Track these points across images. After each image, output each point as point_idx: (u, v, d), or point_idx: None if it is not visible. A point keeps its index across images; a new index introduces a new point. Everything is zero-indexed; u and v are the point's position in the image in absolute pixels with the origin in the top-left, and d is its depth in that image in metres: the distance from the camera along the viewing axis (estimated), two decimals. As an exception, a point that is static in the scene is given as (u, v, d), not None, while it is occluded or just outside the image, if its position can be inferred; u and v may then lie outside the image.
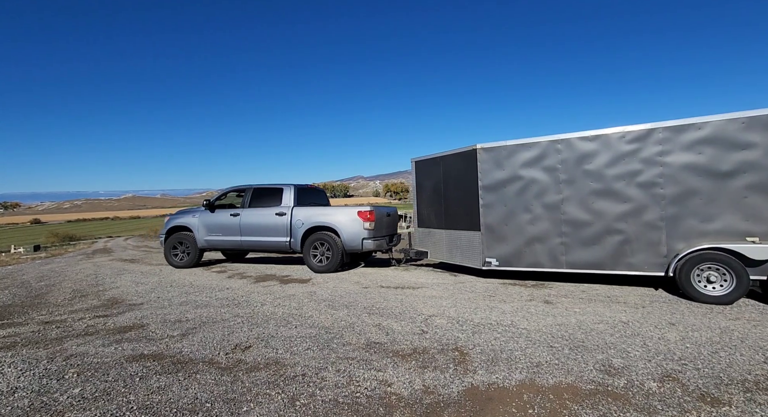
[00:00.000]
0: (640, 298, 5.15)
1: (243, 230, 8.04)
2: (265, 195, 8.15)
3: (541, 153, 5.94)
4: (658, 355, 3.18)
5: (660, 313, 4.39)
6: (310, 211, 7.76)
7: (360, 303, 5.11)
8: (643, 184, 5.27)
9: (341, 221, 7.41)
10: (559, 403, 2.45)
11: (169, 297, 5.75)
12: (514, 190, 6.14)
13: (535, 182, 5.99)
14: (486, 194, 6.36)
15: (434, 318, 4.38)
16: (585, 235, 5.64)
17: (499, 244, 6.29)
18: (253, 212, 8.05)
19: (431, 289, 5.91)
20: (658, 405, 2.39)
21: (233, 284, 6.60)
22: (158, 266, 9.24)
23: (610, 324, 4.03)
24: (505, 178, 6.22)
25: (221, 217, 8.27)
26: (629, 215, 5.36)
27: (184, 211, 9.07)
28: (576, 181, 5.69)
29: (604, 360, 3.10)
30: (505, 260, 6.26)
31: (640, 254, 5.30)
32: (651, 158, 5.23)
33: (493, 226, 6.32)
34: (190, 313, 4.81)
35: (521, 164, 6.09)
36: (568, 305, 4.83)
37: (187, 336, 3.94)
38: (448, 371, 2.96)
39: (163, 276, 7.66)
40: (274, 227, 7.82)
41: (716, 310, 4.51)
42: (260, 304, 5.17)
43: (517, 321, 4.19)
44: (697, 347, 3.34)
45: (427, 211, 7.69)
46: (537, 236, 5.98)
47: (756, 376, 2.76)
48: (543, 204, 5.92)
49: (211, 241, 8.36)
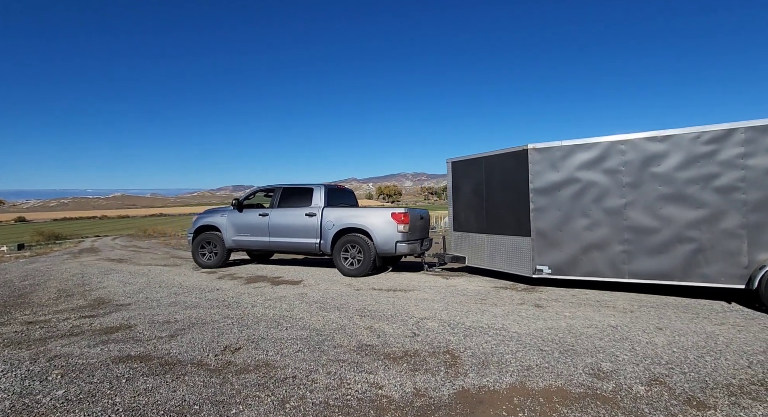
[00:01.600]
0: (628, 302, 5.21)
1: (272, 231, 7.88)
2: (295, 195, 8.01)
3: (602, 154, 5.58)
4: (646, 359, 3.23)
5: (648, 318, 4.45)
6: (342, 212, 7.57)
7: (352, 305, 5.09)
8: (721, 189, 4.90)
9: (374, 223, 7.20)
10: (548, 407, 2.47)
11: (157, 298, 5.67)
12: (570, 194, 5.78)
13: (593, 185, 5.63)
14: (538, 197, 6.01)
15: (426, 321, 4.38)
16: (651, 242, 5.27)
17: (552, 250, 5.92)
18: (282, 212, 7.90)
19: (423, 292, 5.92)
20: (646, 408, 2.43)
21: (223, 285, 6.53)
22: (147, 266, 9.11)
23: (600, 328, 4.08)
24: (559, 181, 5.85)
25: (250, 217, 8.13)
26: (704, 222, 5.00)
27: (212, 211, 8.96)
28: (641, 184, 5.34)
29: (593, 364, 3.13)
30: (558, 268, 5.88)
31: (715, 265, 4.92)
32: (731, 161, 4.86)
33: (546, 231, 5.95)
34: (179, 314, 4.75)
35: (578, 166, 5.73)
36: (558, 309, 4.87)
37: (176, 337, 3.88)
38: (439, 374, 2.97)
39: (152, 276, 7.55)
40: (303, 228, 7.65)
41: (702, 315, 4.59)
42: (251, 305, 5.12)
43: (508, 324, 4.21)
44: (683, 351, 3.39)
45: (464, 214, 7.40)
46: (595, 243, 5.61)
47: (740, 381, 2.81)
48: (603, 208, 5.57)
49: (239, 242, 8.21)
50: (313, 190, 7.84)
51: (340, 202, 8.28)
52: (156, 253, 12.58)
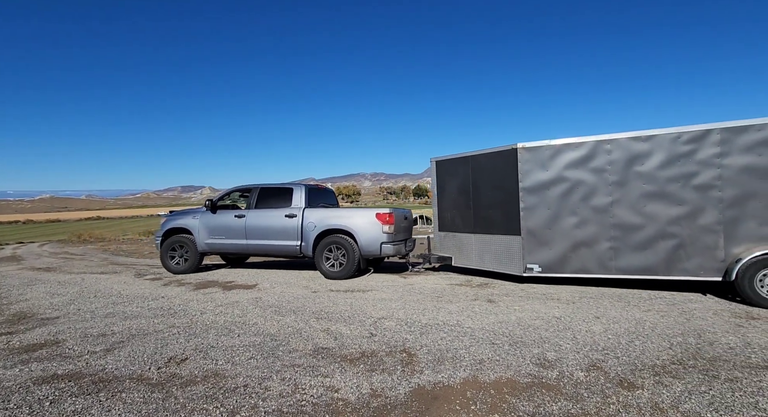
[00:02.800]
0: (571, 294, 5.59)
1: (249, 233, 7.49)
2: (274, 195, 7.66)
3: (589, 153, 5.70)
4: (586, 346, 3.47)
5: (587, 308, 4.80)
6: (324, 213, 7.34)
7: (308, 308, 4.99)
8: (700, 187, 5.14)
9: (358, 224, 7.02)
10: (499, 398, 2.57)
11: (92, 309, 5.17)
12: (559, 192, 5.86)
13: (581, 184, 5.74)
14: (527, 196, 6.04)
15: (383, 320, 4.39)
16: (636, 239, 5.45)
17: (542, 249, 5.98)
18: (260, 214, 7.53)
19: (381, 292, 5.94)
20: (585, 393, 2.61)
21: (169, 292, 6.11)
22: (80, 275, 8.30)
23: (545, 320, 4.33)
24: (548, 180, 5.92)
25: (225, 218, 7.69)
26: (684, 218, 5.22)
27: (182, 212, 8.33)
28: (627, 182, 5.51)
29: (539, 354, 3.31)
30: (548, 266, 5.96)
31: (695, 259, 5.16)
32: (708, 160, 5.10)
33: (536, 230, 6.01)
34: (116, 325, 4.37)
35: (566, 165, 5.82)
36: (508, 303, 5.11)
37: (113, 351, 3.56)
38: (396, 373, 2.98)
39: (86, 285, 6.89)
40: (283, 230, 7.34)
41: (632, 303, 5.03)
42: (199, 312, 4.84)
43: (463, 320, 4.34)
44: (617, 337, 3.70)
45: (450, 214, 7.33)
46: (584, 241, 5.73)
47: (663, 361, 3.11)
48: (590, 207, 5.69)
49: (213, 245, 7.74)
50: (293, 190, 7.55)
51: (321, 202, 8.04)
52: (92, 260, 11.48)
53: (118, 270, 8.90)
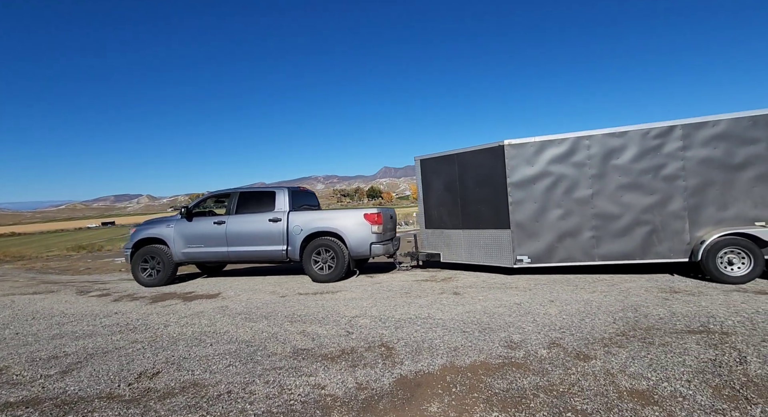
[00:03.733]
0: (527, 282, 6.09)
1: (230, 240, 7.19)
2: (255, 199, 7.41)
3: (570, 149, 6.10)
4: (545, 327, 3.86)
5: (543, 294, 5.28)
6: (309, 216, 7.21)
7: (280, 312, 4.97)
8: (667, 177, 5.71)
9: (346, 225, 6.99)
10: (475, 379, 2.82)
11: (33, 331, 4.74)
12: (544, 186, 6.21)
13: (564, 178, 6.13)
14: (515, 191, 6.32)
15: (358, 319, 4.52)
16: (615, 227, 5.92)
17: (531, 241, 6.29)
18: (241, 219, 7.25)
19: (351, 292, 6.04)
20: (548, 367, 2.94)
21: (123, 308, 5.74)
22: (7, 296, 7.46)
23: (507, 306, 4.71)
24: (534, 175, 6.25)
25: (202, 225, 7.35)
26: (655, 207, 5.76)
27: (154, 221, 7.82)
28: (605, 175, 5.97)
29: (506, 337, 3.63)
30: (536, 257, 6.28)
31: (666, 243, 5.70)
32: (673, 153, 5.67)
33: (524, 223, 6.31)
34: (68, 346, 4.06)
35: (550, 160, 6.18)
36: (473, 294, 5.46)
37: (70, 372, 3.34)
38: (377, 366, 3.13)
39: (19, 307, 6.24)
40: (267, 235, 7.12)
41: (580, 286, 5.61)
42: (162, 325, 4.63)
43: (433, 313, 4.59)
44: (570, 317, 4.14)
45: (437, 212, 7.47)
46: (569, 231, 6.12)
47: (610, 334, 3.57)
48: (573, 199, 6.10)
49: (190, 254, 7.36)
50: (275, 193, 7.39)
51: (303, 205, 7.92)
52: (17, 280, 10.30)
53: (54, 289, 8.11)
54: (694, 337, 3.37)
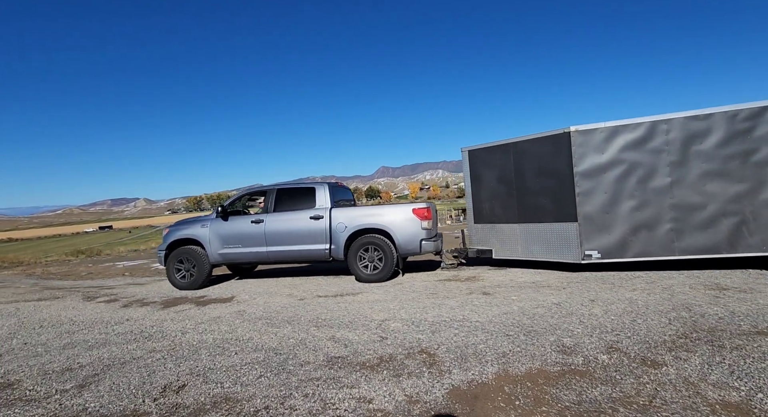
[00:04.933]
0: (559, 280, 5.86)
1: (269, 239, 6.96)
2: (293, 196, 7.19)
3: (646, 134, 5.75)
4: (596, 329, 3.64)
5: (580, 292, 5.05)
6: (353, 212, 6.99)
7: (302, 316, 4.76)
8: (759, 163, 5.32)
9: (395, 222, 6.73)
10: (538, 390, 2.60)
11: (42, 341, 4.54)
12: (616, 175, 5.87)
13: (639, 165, 5.79)
14: (583, 181, 5.99)
15: (388, 322, 4.30)
16: (698, 219, 5.55)
17: (601, 234, 5.94)
18: (280, 217, 7.04)
19: (372, 294, 5.83)
20: (616, 375, 2.72)
21: (134, 314, 5.54)
22: (11, 304, 7.27)
23: (546, 307, 4.49)
24: (604, 163, 5.91)
25: (239, 225, 7.14)
26: (745, 196, 5.38)
27: (187, 221, 7.62)
28: (686, 162, 5.61)
29: (556, 341, 3.41)
30: (607, 252, 5.92)
31: (758, 234, 5.31)
32: (765, 136, 5.28)
33: (593, 215, 5.96)
34: (82, 356, 3.86)
35: (623, 147, 5.84)
36: (504, 294, 5.23)
37: (88, 387, 3.13)
38: (424, 376, 2.92)
39: (24, 315, 6.04)
40: (309, 233, 6.89)
41: (617, 284, 5.38)
42: (180, 332, 4.42)
43: (468, 315, 4.37)
44: (619, 318, 3.92)
45: (489, 205, 7.19)
46: (644, 223, 5.77)
47: (670, 337, 3.34)
48: (649, 188, 5.76)
49: (227, 255, 7.13)
50: (315, 190, 7.14)
51: (340, 200, 7.68)
52: (19, 286, 10.12)
53: (59, 295, 7.91)
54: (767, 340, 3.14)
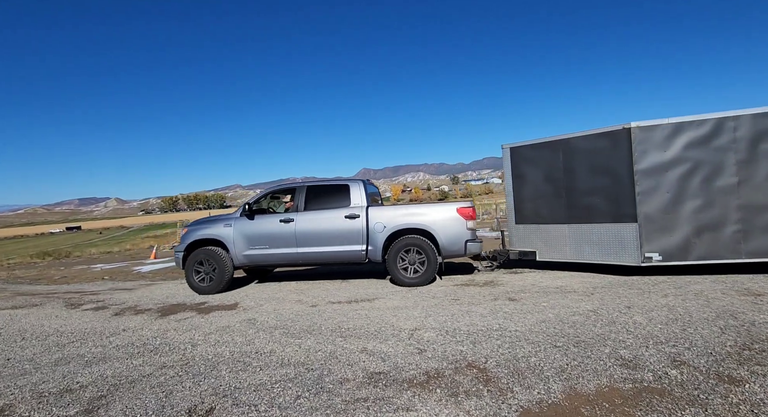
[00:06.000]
0: (582, 285, 5.74)
1: (300, 240, 6.64)
2: (326, 194, 6.89)
3: (711, 131, 5.62)
4: (648, 339, 3.48)
5: (611, 298, 4.92)
6: (392, 211, 6.76)
7: (322, 325, 4.46)
8: None
9: (438, 221, 6.48)
10: (620, 411, 2.40)
11: (28, 356, 4.09)
12: (679, 174, 5.74)
13: (704, 164, 5.66)
14: (644, 179, 5.84)
15: (419, 332, 4.05)
16: (767, 220, 5.45)
17: (662, 235, 5.79)
18: (312, 216, 6.72)
19: (389, 300, 5.57)
20: (699, 394, 2.53)
21: (129, 323, 5.11)
22: (-16, 310, 6.68)
23: (583, 314, 4.33)
24: (667, 161, 5.77)
25: (267, 224, 6.80)
26: None
27: (208, 220, 7.20)
28: (754, 161, 5.49)
29: (612, 353, 3.23)
30: (669, 254, 5.78)
31: None
32: None
33: (654, 215, 5.81)
34: (80, 374, 3.46)
35: (686, 144, 5.71)
36: (532, 300, 5.06)
37: (96, 411, 2.77)
38: (484, 396, 2.68)
39: (0, 326, 5.51)
40: (344, 234, 6.60)
41: (645, 289, 5.28)
42: (189, 344, 4.06)
43: (504, 323, 4.16)
44: (666, 327, 3.78)
45: (533, 205, 6.99)
46: (708, 224, 5.65)
47: (733, 348, 3.21)
48: (714, 188, 5.64)
49: (253, 256, 6.77)
50: (349, 187, 6.86)
51: (374, 199, 7.46)
52: (-14, 290, 9.40)
53: (35, 302, 7.33)
54: (836, 350, 3.04)
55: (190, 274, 6.77)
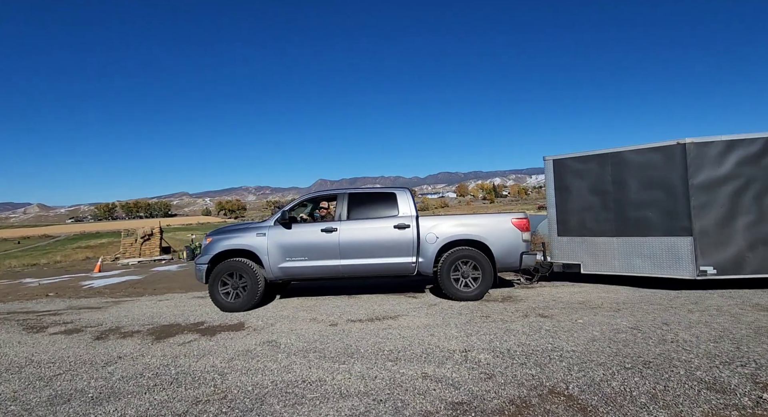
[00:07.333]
0: (601, 299, 5.88)
1: (343, 251, 6.24)
2: (370, 202, 6.59)
3: (761, 150, 5.98)
4: (713, 359, 3.49)
5: (642, 314, 5.01)
6: (445, 222, 6.52)
7: (359, 347, 4.12)
8: None
9: (492, 233, 6.33)
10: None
11: (9, 395, 3.40)
12: (732, 190, 6.04)
13: (755, 180, 6.00)
14: (699, 194, 6.09)
15: (470, 353, 3.85)
16: None
17: (717, 250, 6.02)
18: (358, 226, 6.36)
19: (414, 317, 5.32)
20: (807, 415, 2.54)
21: (122, 349, 4.45)
22: None
23: (627, 332, 4.33)
24: (721, 176, 6.06)
25: (307, 234, 6.36)
26: None
27: (236, 229, 6.62)
28: None
29: (689, 375, 3.18)
30: (723, 268, 6.00)
31: None
32: None
33: (710, 229, 6.05)
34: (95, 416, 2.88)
35: (739, 161, 6.04)
36: (566, 317, 5.03)
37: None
38: (591, 426, 2.52)
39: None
40: (393, 245, 6.28)
41: (665, 305, 5.45)
42: (216, 374, 3.56)
43: (556, 343, 4.06)
44: (718, 344, 3.83)
45: (577, 217, 7.10)
46: (762, 239, 5.95)
47: (798, 365, 3.30)
48: (765, 204, 5.98)
49: (289, 269, 6.27)
50: (396, 195, 6.59)
51: None
52: None
53: (-16, 320, 6.26)
54: None
55: (215, 290, 6.14)
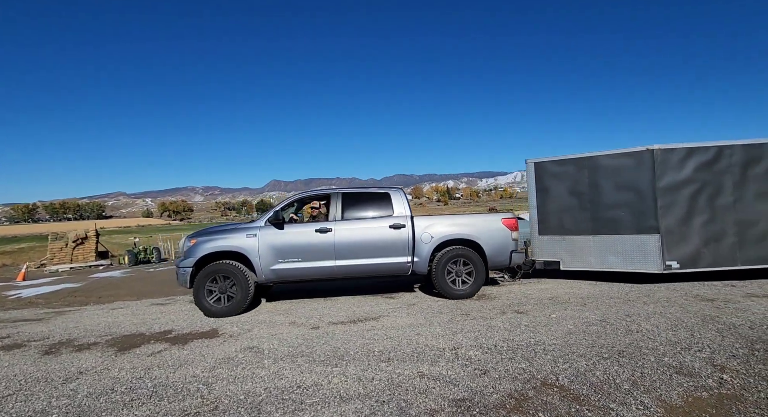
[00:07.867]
0: (568, 295, 6.24)
1: (339, 252, 6.16)
2: (364, 202, 6.57)
3: (715, 157, 6.67)
4: (675, 345, 3.84)
5: (605, 308, 5.37)
6: (438, 221, 6.68)
7: (347, 350, 4.08)
8: None
9: (484, 232, 6.56)
10: None
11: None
12: (690, 192, 6.67)
13: (708, 184, 6.67)
14: (665, 195, 6.68)
15: (460, 351, 3.95)
16: (754, 233, 6.57)
17: (679, 246, 6.64)
18: (353, 226, 6.32)
19: (395, 318, 5.36)
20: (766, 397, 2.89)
21: (81, 363, 4.06)
22: None
23: (598, 324, 4.63)
24: (681, 180, 6.69)
25: (300, 235, 6.22)
26: None
27: (223, 230, 6.28)
28: (745, 183, 6.63)
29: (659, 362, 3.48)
30: (684, 262, 6.62)
31: None
32: None
33: (673, 228, 6.66)
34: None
35: (696, 167, 6.69)
36: (540, 312, 5.29)
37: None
38: (589, 415, 2.69)
39: None
40: (388, 245, 6.31)
41: (632, 299, 5.88)
42: (200, 384, 3.35)
43: (537, 337, 4.27)
44: (675, 332, 4.22)
45: (557, 217, 7.53)
46: (713, 236, 6.61)
47: (742, 350, 3.72)
48: (717, 205, 6.66)
49: (281, 271, 6.09)
50: (390, 194, 6.67)
51: None
52: None
53: None
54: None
55: (201, 295, 5.81)
